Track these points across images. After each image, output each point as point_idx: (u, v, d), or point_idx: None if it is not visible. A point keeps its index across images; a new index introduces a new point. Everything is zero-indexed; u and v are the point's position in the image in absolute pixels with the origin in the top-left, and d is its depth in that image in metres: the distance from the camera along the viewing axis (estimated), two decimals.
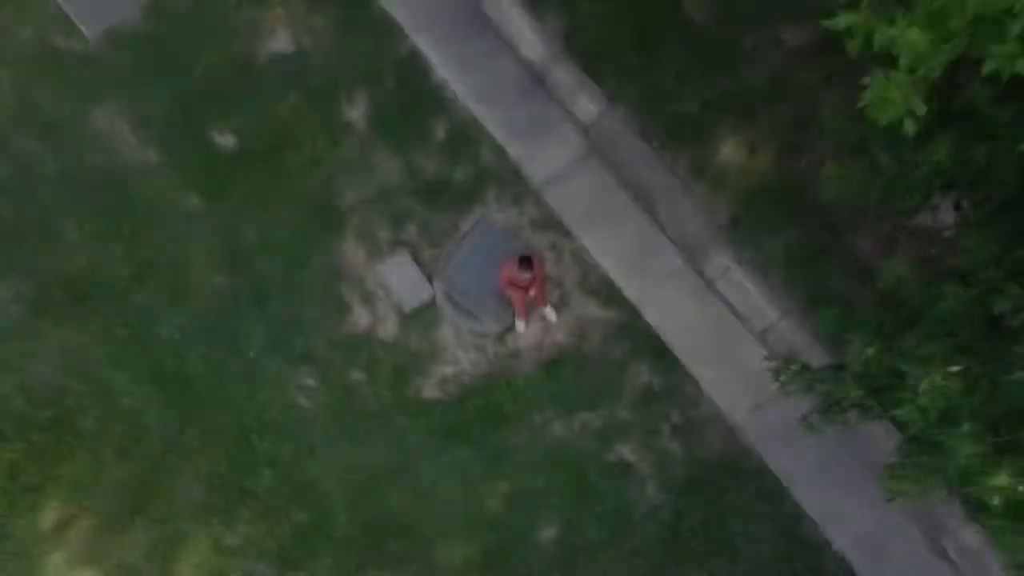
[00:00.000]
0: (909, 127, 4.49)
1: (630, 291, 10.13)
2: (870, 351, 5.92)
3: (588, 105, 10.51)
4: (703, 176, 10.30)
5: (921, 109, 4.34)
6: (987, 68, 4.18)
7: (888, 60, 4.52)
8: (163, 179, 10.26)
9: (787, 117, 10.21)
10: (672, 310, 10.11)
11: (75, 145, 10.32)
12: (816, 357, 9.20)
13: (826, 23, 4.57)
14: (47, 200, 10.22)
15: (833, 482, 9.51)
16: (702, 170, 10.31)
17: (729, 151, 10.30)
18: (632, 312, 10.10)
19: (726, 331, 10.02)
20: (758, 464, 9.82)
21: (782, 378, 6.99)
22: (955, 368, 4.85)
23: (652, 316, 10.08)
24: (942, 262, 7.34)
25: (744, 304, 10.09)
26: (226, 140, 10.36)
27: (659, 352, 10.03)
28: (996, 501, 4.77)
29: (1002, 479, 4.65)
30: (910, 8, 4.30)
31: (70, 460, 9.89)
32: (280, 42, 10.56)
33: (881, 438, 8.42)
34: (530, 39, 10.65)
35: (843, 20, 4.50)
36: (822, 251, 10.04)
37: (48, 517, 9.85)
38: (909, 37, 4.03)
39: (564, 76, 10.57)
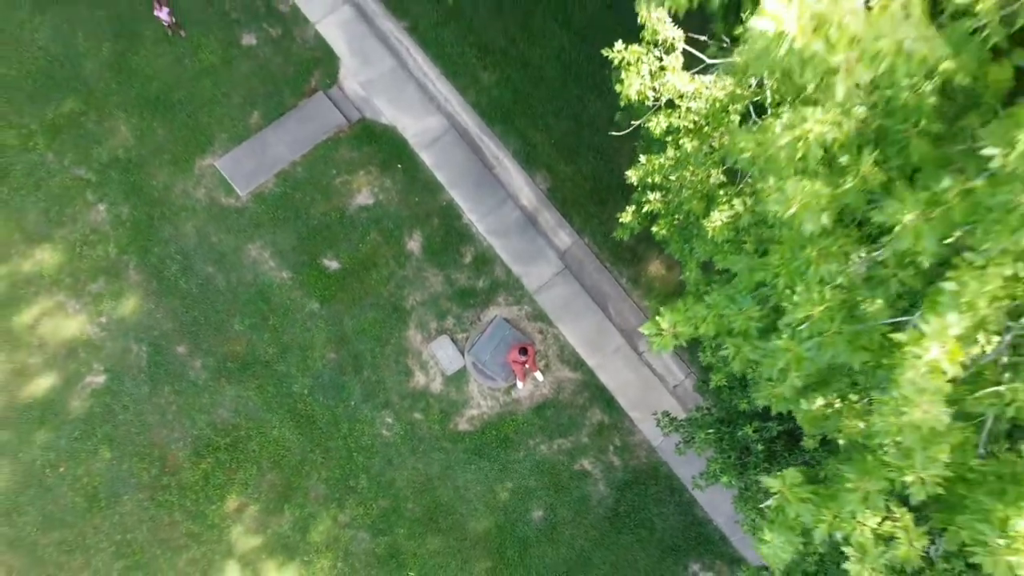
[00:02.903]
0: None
1: (590, 361, 15.29)
2: (696, 414, 11.40)
3: (564, 237, 15.57)
4: (638, 285, 15.47)
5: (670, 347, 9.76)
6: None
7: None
8: (293, 290, 15.43)
9: None
10: (616, 373, 15.24)
11: (236, 268, 15.49)
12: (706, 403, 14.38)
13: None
14: (220, 304, 15.45)
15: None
16: (637, 281, 15.46)
17: (654, 269, 15.44)
18: (591, 375, 15.25)
19: (650, 387, 15.21)
20: (668, 471, 15.07)
21: (660, 424, 12.39)
22: (711, 430, 10.33)
23: (604, 377, 15.26)
24: None
25: (662, 369, 15.31)
26: (332, 263, 15.53)
27: (608, 401, 15.20)
28: (727, 489, 10.28)
29: (725, 479, 10.09)
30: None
31: (242, 469, 15.13)
32: (363, 197, 15.65)
33: None
34: (526, 192, 15.62)
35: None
36: None
37: (230, 504, 15.08)
38: (669, 318, 9.49)
39: (548, 217, 15.61)
